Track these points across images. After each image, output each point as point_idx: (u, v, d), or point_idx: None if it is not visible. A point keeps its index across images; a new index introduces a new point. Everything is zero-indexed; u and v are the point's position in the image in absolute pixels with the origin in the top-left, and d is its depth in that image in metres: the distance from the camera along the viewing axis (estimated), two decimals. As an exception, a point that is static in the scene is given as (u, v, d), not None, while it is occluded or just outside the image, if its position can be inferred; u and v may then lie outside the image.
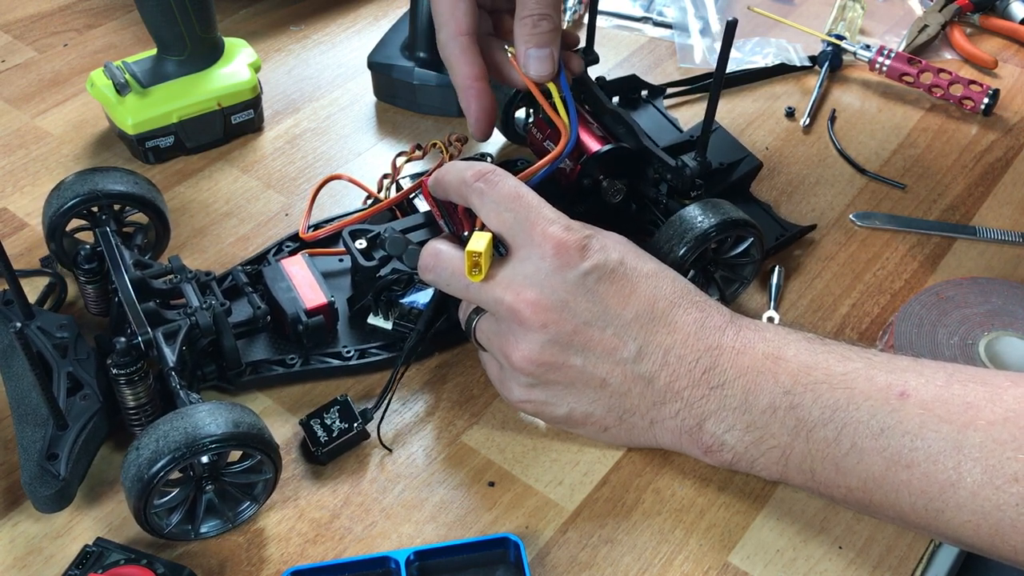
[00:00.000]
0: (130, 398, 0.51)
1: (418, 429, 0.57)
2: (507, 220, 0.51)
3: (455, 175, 0.53)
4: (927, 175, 0.76)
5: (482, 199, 0.51)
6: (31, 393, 0.52)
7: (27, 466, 0.50)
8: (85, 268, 0.57)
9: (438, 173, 0.55)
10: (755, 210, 0.70)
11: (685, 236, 0.57)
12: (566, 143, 0.56)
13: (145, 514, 0.47)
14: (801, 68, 0.86)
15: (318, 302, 0.58)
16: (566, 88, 0.57)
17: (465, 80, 0.56)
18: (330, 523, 0.52)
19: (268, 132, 0.78)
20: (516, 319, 0.50)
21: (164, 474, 0.46)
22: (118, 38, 0.87)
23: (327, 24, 0.91)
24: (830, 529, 0.53)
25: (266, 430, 0.49)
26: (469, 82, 0.56)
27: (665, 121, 0.74)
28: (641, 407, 0.51)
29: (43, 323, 0.56)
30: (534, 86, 0.56)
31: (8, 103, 0.80)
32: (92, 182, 0.60)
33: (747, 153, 0.71)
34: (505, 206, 0.51)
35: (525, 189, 0.51)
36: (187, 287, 0.56)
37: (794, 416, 0.48)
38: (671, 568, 0.51)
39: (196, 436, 0.46)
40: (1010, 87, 0.85)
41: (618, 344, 0.50)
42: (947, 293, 0.62)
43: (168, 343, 0.52)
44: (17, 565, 0.50)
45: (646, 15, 0.93)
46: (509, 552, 0.50)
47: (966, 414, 0.44)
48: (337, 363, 0.59)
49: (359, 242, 0.59)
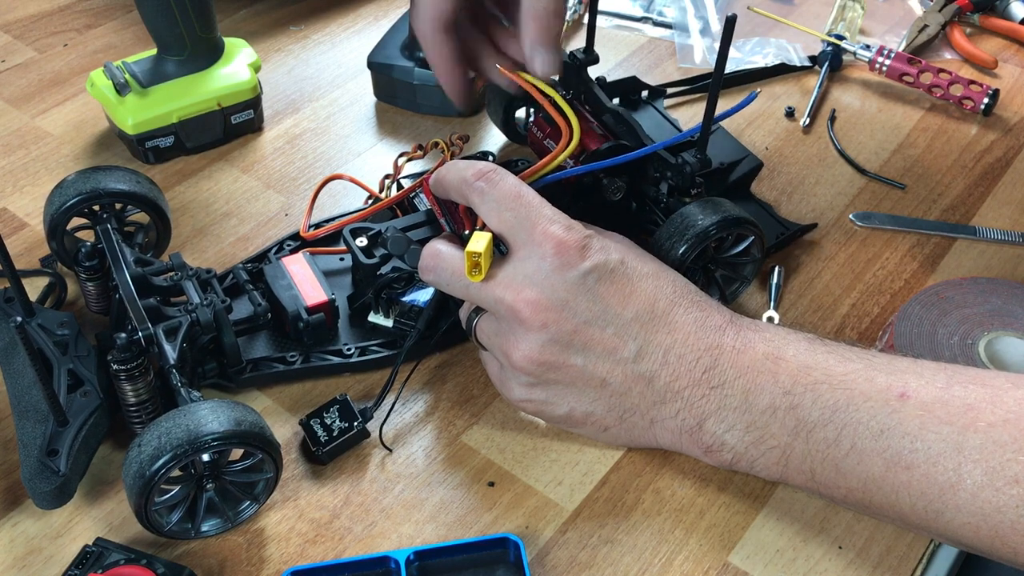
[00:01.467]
0: (130, 394, 0.51)
1: (418, 429, 0.57)
2: (508, 220, 0.51)
3: (456, 174, 0.53)
4: (927, 175, 0.76)
5: (483, 198, 0.51)
6: (32, 390, 0.52)
7: (27, 462, 0.50)
8: (86, 265, 0.57)
9: (439, 172, 0.55)
10: (755, 210, 0.70)
11: (686, 234, 0.57)
12: (567, 143, 0.56)
13: (146, 511, 0.47)
14: (801, 68, 0.86)
15: (319, 300, 0.58)
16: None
17: (439, 57, 0.61)
18: (330, 523, 0.52)
19: (268, 132, 0.78)
20: (516, 318, 0.50)
21: (166, 471, 0.46)
22: (118, 38, 0.87)
23: (327, 24, 0.91)
24: (830, 529, 0.53)
25: (267, 429, 0.49)
26: (443, 59, 0.61)
27: (665, 122, 0.74)
28: (641, 406, 0.51)
29: (44, 320, 0.56)
30: (529, 85, 0.58)
31: (8, 103, 0.80)
32: (94, 180, 0.60)
33: (747, 153, 0.71)
34: (506, 206, 0.51)
35: (526, 188, 0.51)
36: (188, 284, 0.57)
37: (794, 416, 0.48)
38: (671, 568, 0.51)
39: (198, 433, 0.46)
40: (1010, 87, 0.85)
41: (618, 344, 0.50)
42: (947, 293, 0.62)
43: (169, 340, 0.52)
44: (17, 565, 0.50)
45: (646, 15, 0.93)
46: (509, 552, 0.50)
47: (966, 416, 0.44)
48: (338, 360, 0.59)
49: (360, 240, 0.59)
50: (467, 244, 0.50)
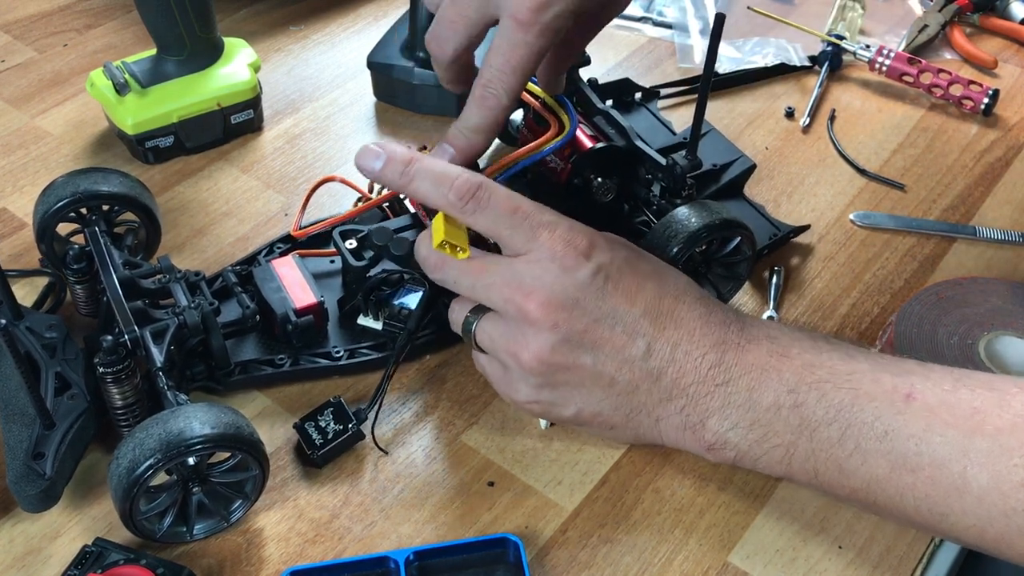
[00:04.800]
0: (117, 397, 0.51)
1: (417, 429, 0.57)
2: (506, 234, 0.50)
3: (431, 186, 0.50)
4: (927, 175, 0.76)
5: (476, 218, 0.50)
6: (19, 393, 0.52)
7: (13, 465, 0.50)
8: (74, 268, 0.57)
9: (405, 170, 0.51)
10: (747, 211, 0.70)
11: (678, 236, 0.57)
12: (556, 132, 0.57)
13: (132, 520, 0.47)
14: (801, 68, 0.86)
15: (308, 302, 0.58)
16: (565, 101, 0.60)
17: (455, 80, 0.56)
18: (329, 523, 0.52)
19: (268, 132, 0.78)
20: (526, 319, 0.50)
21: (144, 481, 0.46)
22: (118, 38, 0.87)
23: (327, 24, 0.91)
24: (830, 529, 0.53)
25: (246, 428, 0.49)
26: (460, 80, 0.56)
27: (658, 124, 0.74)
28: (648, 404, 0.51)
29: (32, 323, 0.56)
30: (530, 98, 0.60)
31: (8, 103, 0.80)
32: (77, 184, 0.59)
33: (740, 155, 0.71)
34: (504, 223, 0.50)
35: (518, 199, 0.50)
36: (176, 287, 0.56)
37: (798, 415, 0.48)
38: (671, 568, 0.51)
39: (172, 441, 0.46)
40: (1010, 87, 0.85)
41: (627, 342, 0.50)
42: (947, 293, 0.62)
43: (156, 342, 0.52)
44: (16, 565, 0.50)
45: (646, 15, 0.93)
46: (509, 552, 0.50)
47: (973, 419, 0.44)
48: (327, 363, 0.58)
49: (349, 242, 0.59)
50: (433, 239, 0.50)
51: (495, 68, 0.51)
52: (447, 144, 0.54)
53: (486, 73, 0.51)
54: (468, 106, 0.52)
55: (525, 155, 0.56)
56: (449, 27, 0.52)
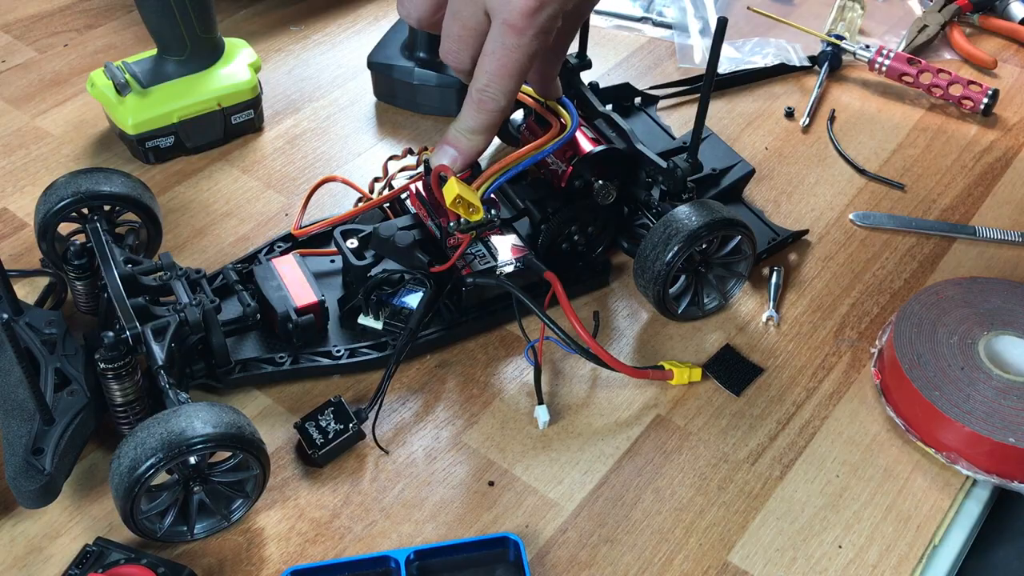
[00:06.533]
0: (118, 394, 0.51)
1: (418, 429, 0.57)
2: None
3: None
4: (926, 175, 0.77)
5: None
6: (18, 388, 0.52)
7: (11, 461, 0.50)
8: (75, 264, 0.57)
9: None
10: (747, 216, 0.70)
11: (678, 235, 0.57)
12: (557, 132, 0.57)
13: (134, 520, 0.47)
14: (801, 68, 0.86)
15: (308, 301, 0.58)
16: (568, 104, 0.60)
17: None
18: (330, 522, 0.52)
19: (268, 132, 0.78)
20: None
21: (146, 480, 0.46)
22: (118, 38, 0.87)
23: (327, 24, 0.91)
24: (830, 529, 0.53)
25: (247, 427, 0.49)
26: None
27: (658, 128, 0.74)
28: None
29: (32, 319, 0.56)
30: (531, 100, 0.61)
31: (8, 103, 0.80)
32: (78, 184, 0.59)
33: (739, 159, 0.71)
34: None
35: None
36: (177, 284, 0.56)
37: None
38: (671, 567, 0.51)
39: (174, 440, 0.46)
40: (1009, 87, 0.86)
41: None
42: (947, 293, 0.62)
43: (157, 340, 0.52)
44: (17, 565, 0.50)
45: (646, 15, 0.93)
46: (509, 551, 0.50)
47: None
48: (327, 362, 0.59)
49: (350, 241, 0.59)
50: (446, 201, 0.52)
51: (490, 73, 0.51)
52: (448, 145, 0.54)
53: (482, 78, 0.51)
54: (466, 109, 0.53)
55: (526, 155, 0.56)
56: (457, 42, 0.52)
